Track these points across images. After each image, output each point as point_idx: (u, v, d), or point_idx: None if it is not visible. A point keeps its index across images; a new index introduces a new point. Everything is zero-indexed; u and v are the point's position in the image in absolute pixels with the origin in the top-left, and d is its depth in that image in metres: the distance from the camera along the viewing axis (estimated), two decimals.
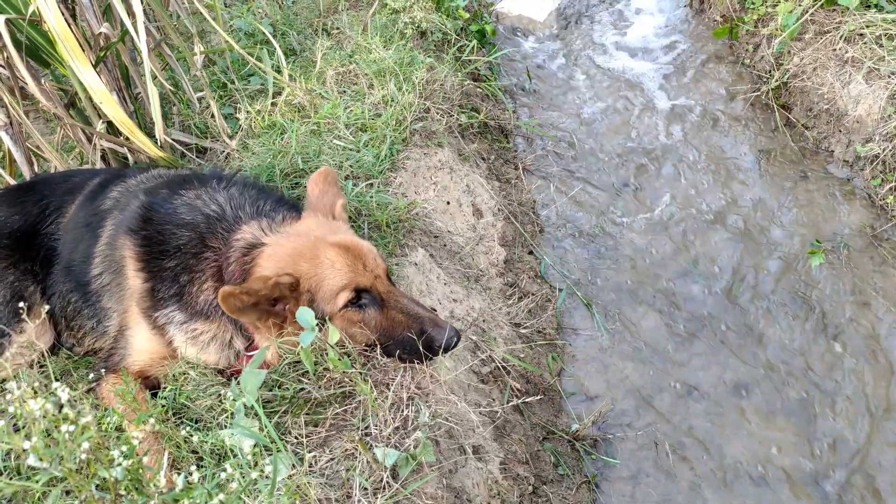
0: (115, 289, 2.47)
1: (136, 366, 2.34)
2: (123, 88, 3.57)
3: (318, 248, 2.19)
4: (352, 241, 2.25)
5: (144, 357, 2.35)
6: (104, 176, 2.84)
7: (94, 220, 2.61)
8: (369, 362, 2.33)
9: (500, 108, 5.14)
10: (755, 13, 5.28)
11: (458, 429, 2.41)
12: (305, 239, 2.24)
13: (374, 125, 3.71)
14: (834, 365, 3.43)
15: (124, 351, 2.38)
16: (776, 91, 4.94)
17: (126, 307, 2.44)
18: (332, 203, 2.47)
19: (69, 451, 1.22)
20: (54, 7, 2.81)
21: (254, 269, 2.20)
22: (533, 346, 3.44)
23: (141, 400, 2.18)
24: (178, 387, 2.28)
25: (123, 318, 2.45)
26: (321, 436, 2.13)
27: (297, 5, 5.23)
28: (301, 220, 2.43)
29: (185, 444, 2.05)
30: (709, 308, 3.78)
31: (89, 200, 2.72)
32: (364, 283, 2.20)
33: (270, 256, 2.21)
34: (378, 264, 2.26)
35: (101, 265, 2.51)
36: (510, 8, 6.40)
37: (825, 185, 4.36)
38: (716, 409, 3.33)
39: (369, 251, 2.27)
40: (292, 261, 2.17)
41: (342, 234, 2.31)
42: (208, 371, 2.30)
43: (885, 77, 4.18)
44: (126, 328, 2.43)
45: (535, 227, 4.28)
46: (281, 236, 2.29)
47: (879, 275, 3.82)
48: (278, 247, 2.23)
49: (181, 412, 2.24)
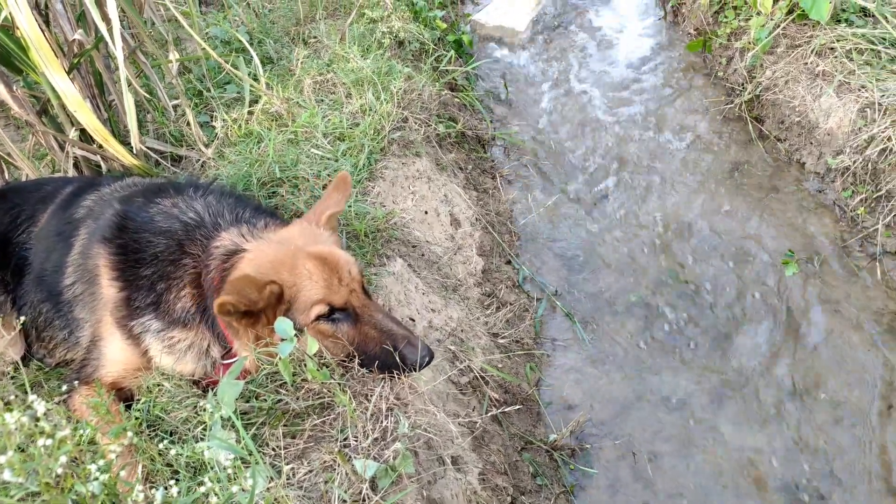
0: (88, 298, 2.43)
1: (110, 377, 2.30)
2: (97, 95, 3.52)
3: (297, 258, 2.18)
4: (329, 253, 2.23)
5: (118, 368, 2.31)
6: (77, 184, 2.80)
7: (67, 228, 2.57)
8: (348, 373, 2.31)
9: (478, 118, 5.16)
10: (728, 27, 5.36)
11: (437, 439, 2.40)
12: (286, 248, 2.22)
13: (352, 134, 3.70)
14: (806, 373, 3.47)
15: (97, 362, 2.34)
16: (749, 103, 5.01)
17: (99, 317, 2.40)
18: (322, 211, 2.46)
19: (45, 466, 1.19)
20: (28, 13, 2.77)
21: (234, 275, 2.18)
22: (511, 356, 3.44)
23: (114, 412, 2.14)
24: (152, 398, 2.24)
25: (96, 329, 2.41)
26: (299, 447, 2.11)
27: (273, 14, 5.20)
28: (286, 226, 2.42)
29: (160, 456, 2.02)
30: (684, 318, 3.81)
31: (62, 209, 2.67)
32: (338, 299, 2.19)
33: (252, 262, 2.19)
34: (354, 277, 2.25)
35: (73, 275, 2.47)
36: (487, 19, 6.43)
37: (797, 197, 4.43)
38: (692, 417, 3.35)
39: (346, 264, 2.25)
40: (274, 269, 2.15)
41: (322, 244, 2.29)
42: (184, 382, 2.26)
43: (856, 90, 4.25)
44: (99, 339, 2.38)
45: (512, 237, 4.29)
46: (262, 242, 2.27)
47: (850, 284, 3.87)
48: (260, 253, 2.21)
49: (156, 424, 2.20)
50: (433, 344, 2.98)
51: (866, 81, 4.24)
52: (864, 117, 4.14)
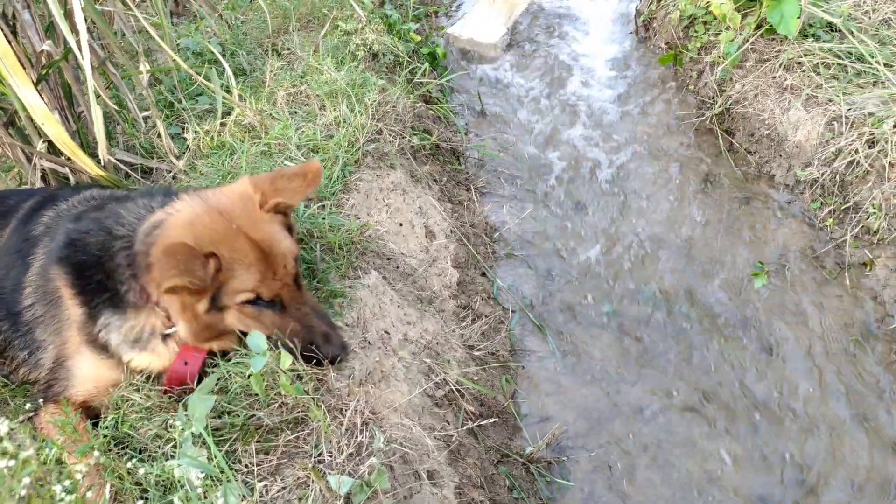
0: (51, 321, 2.38)
1: (80, 396, 2.25)
2: (66, 107, 3.47)
3: (238, 239, 2.14)
4: (270, 246, 2.19)
5: (89, 386, 2.26)
6: (37, 199, 2.75)
7: (25, 246, 2.52)
8: (322, 387, 2.28)
9: (452, 130, 5.17)
10: (698, 41, 5.43)
11: (412, 454, 2.38)
12: (226, 222, 2.17)
13: (327, 146, 3.68)
14: (778, 384, 3.51)
15: (66, 382, 2.28)
16: (719, 116, 5.08)
17: (64, 339, 2.35)
18: (272, 193, 2.32)
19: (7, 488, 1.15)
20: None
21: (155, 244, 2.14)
22: (487, 368, 3.43)
23: (81, 430, 2.09)
24: (120, 415, 2.20)
25: (61, 350, 2.35)
26: (272, 464, 2.07)
27: (246, 25, 5.17)
28: (228, 188, 2.34)
29: (129, 475, 1.97)
30: (658, 329, 3.83)
31: (22, 224, 2.63)
32: (268, 292, 2.18)
33: (188, 227, 2.15)
34: (289, 272, 2.23)
35: (32, 296, 2.42)
36: (461, 31, 6.45)
37: (767, 208, 4.48)
38: (666, 429, 3.36)
39: (283, 257, 2.22)
40: (213, 241, 2.11)
41: (263, 229, 2.23)
42: (153, 394, 2.22)
43: (823, 104, 4.33)
44: (66, 359, 2.33)
45: (487, 249, 4.29)
46: (197, 202, 2.23)
47: (820, 294, 3.92)
48: (197, 218, 2.17)
49: (124, 442, 2.15)
50: (408, 357, 2.96)
51: (833, 95, 4.32)
52: (832, 130, 4.21)
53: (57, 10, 2.80)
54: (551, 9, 7.02)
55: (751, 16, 4.96)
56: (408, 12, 6.00)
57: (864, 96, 4.22)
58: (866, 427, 3.30)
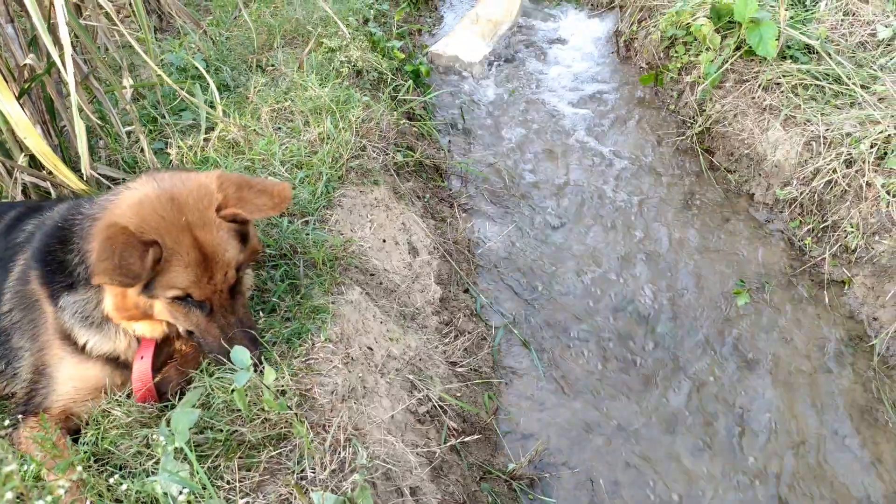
0: (28, 325, 2.34)
1: (59, 404, 2.22)
2: (48, 121, 3.45)
3: (183, 235, 2.11)
4: (213, 252, 2.15)
5: (70, 392, 2.23)
6: (21, 209, 2.73)
7: (7, 254, 2.49)
8: (306, 403, 2.27)
9: (435, 148, 5.19)
10: (679, 61, 5.51)
11: (395, 470, 2.37)
12: (176, 214, 2.12)
13: (310, 162, 3.68)
14: (759, 401, 3.53)
15: (46, 389, 2.25)
16: (700, 136, 5.14)
17: (42, 344, 2.31)
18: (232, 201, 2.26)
19: None
20: None
21: (102, 216, 2.12)
22: (469, 384, 3.42)
23: (62, 446, 2.06)
24: (100, 431, 2.17)
25: (39, 357, 2.31)
26: (255, 480, 2.05)
27: (230, 41, 5.18)
28: (190, 176, 2.29)
29: (109, 492, 1.95)
30: (640, 346, 3.85)
31: (4, 234, 2.59)
32: (199, 294, 2.16)
33: (135, 207, 2.12)
34: (227, 280, 2.20)
35: (10, 301, 2.39)
36: (444, 50, 6.50)
37: (747, 227, 4.54)
38: (648, 445, 3.37)
39: (225, 265, 2.19)
40: (157, 229, 2.07)
41: (213, 232, 2.17)
42: (133, 409, 2.19)
43: (801, 124, 4.40)
44: (45, 366, 2.30)
45: (470, 266, 4.30)
46: (150, 182, 2.19)
47: (799, 312, 3.97)
48: (146, 199, 2.13)
49: (104, 458, 2.13)
50: (391, 373, 2.95)
51: (811, 115, 4.40)
52: (810, 150, 4.28)
53: (41, 24, 2.79)
54: (534, 29, 7.11)
55: (730, 37, 5.05)
56: (392, 30, 6.04)
57: (841, 117, 4.30)
58: (845, 444, 3.33)
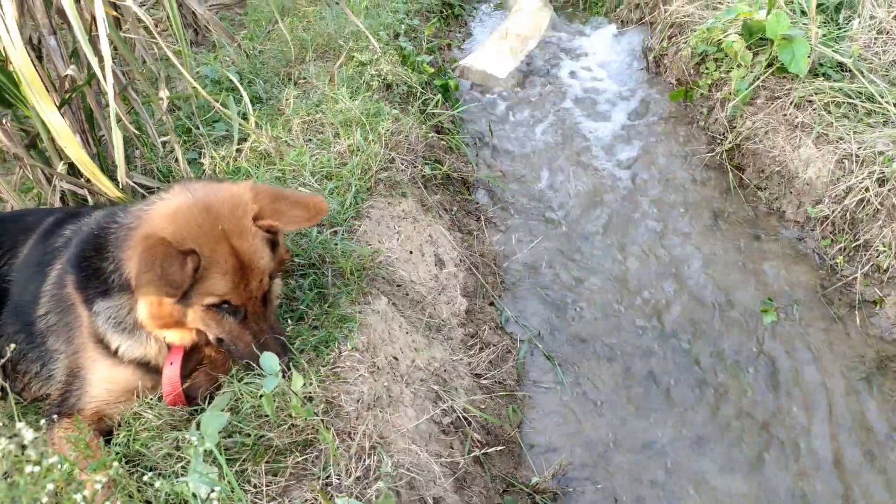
0: (63, 329, 2.41)
1: (92, 406, 2.27)
2: (87, 130, 3.54)
3: (221, 243, 2.16)
4: (250, 260, 2.21)
5: (102, 391, 2.28)
6: (58, 215, 2.80)
7: (45, 259, 2.56)
8: (332, 410, 2.30)
9: (463, 161, 5.22)
10: (709, 78, 5.50)
11: (419, 479, 2.38)
12: (212, 222, 2.17)
13: (340, 174, 3.74)
14: (787, 420, 3.49)
15: (80, 391, 2.31)
16: (730, 152, 5.12)
17: (76, 347, 2.37)
18: (268, 212, 2.32)
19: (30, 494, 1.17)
20: (21, 49, 2.80)
21: (138, 225, 2.17)
22: (493, 396, 3.43)
23: (94, 447, 2.11)
24: (132, 432, 2.22)
25: (74, 360, 2.38)
26: (281, 485, 2.08)
27: (264, 55, 5.28)
28: (224, 187, 2.34)
29: (139, 493, 1.99)
30: (666, 363, 3.83)
31: (43, 239, 2.66)
32: (237, 301, 2.21)
33: (171, 217, 2.17)
34: (260, 287, 2.26)
35: (47, 304, 2.45)
36: (473, 64, 6.55)
37: (777, 245, 4.50)
38: (674, 463, 3.35)
39: (259, 273, 2.24)
40: (194, 237, 2.12)
41: (248, 240, 2.23)
42: (164, 412, 2.24)
43: (834, 142, 4.37)
44: (79, 369, 2.35)
45: (496, 279, 4.31)
46: (184, 193, 2.24)
47: (829, 332, 3.92)
48: (181, 209, 2.18)
49: (134, 460, 2.17)
50: (416, 383, 2.98)
51: (844, 133, 4.36)
52: (843, 168, 4.24)
53: (83, 37, 2.87)
54: (563, 44, 7.13)
55: (762, 54, 5.03)
56: (422, 45, 6.11)
57: (874, 135, 4.26)
58: (874, 466, 3.28)
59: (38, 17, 3.22)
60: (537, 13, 7.40)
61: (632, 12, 7.38)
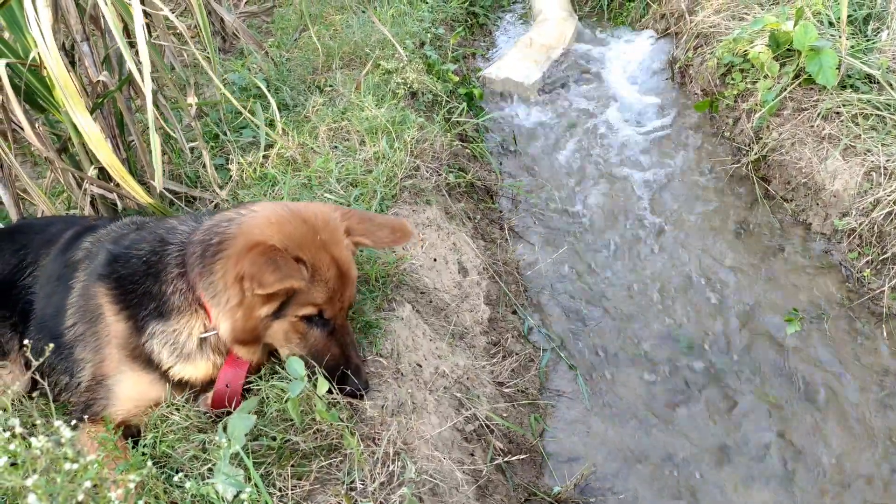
0: (91, 338, 2.43)
1: (119, 415, 2.29)
2: (117, 136, 3.59)
3: (322, 251, 2.19)
4: (348, 269, 2.28)
5: (129, 405, 2.30)
6: (77, 228, 2.83)
7: (66, 272, 2.59)
8: (356, 415, 2.31)
9: (487, 170, 5.23)
10: (735, 89, 5.47)
11: (442, 486, 2.38)
12: (311, 231, 2.21)
13: (365, 181, 3.76)
14: (811, 434, 3.45)
15: (105, 401, 2.32)
16: (755, 163, 5.08)
17: (103, 356, 2.39)
18: (359, 228, 2.41)
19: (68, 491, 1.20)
20: (56, 54, 2.85)
21: (233, 235, 2.18)
22: (516, 405, 3.43)
23: (122, 447, 2.14)
24: (159, 434, 2.24)
25: (99, 368, 2.40)
26: (305, 489, 2.10)
27: (291, 62, 5.33)
28: (312, 204, 2.39)
29: (165, 494, 2.01)
30: (689, 373, 3.80)
31: (62, 252, 2.70)
32: (330, 312, 2.25)
33: (272, 226, 2.17)
34: (348, 297, 2.31)
35: (73, 316, 2.48)
36: (497, 73, 6.56)
37: (803, 256, 4.46)
38: (696, 475, 3.32)
39: (352, 283, 2.31)
40: (299, 245, 2.14)
41: (344, 252, 2.29)
42: (192, 413, 2.26)
43: (861, 154, 4.32)
44: (105, 377, 2.37)
45: (519, 287, 4.31)
46: (279, 206, 2.27)
47: (855, 345, 3.87)
48: (280, 220, 2.20)
49: (161, 461, 2.19)
50: (439, 390, 2.98)
51: (872, 146, 4.32)
52: (870, 180, 4.20)
53: (122, 43, 2.92)
54: (587, 54, 7.12)
55: (789, 65, 4.99)
56: (447, 54, 6.13)
57: None
58: None
59: (71, 24, 3.28)
60: (562, 23, 7.40)
61: (657, 23, 7.36)
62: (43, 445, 1.21)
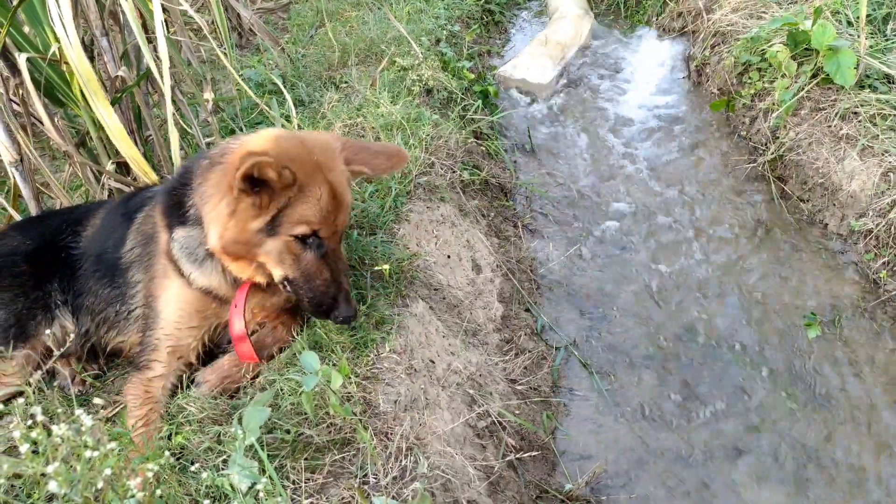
0: (145, 257, 2.57)
1: (168, 343, 2.38)
2: (135, 130, 3.63)
3: (317, 171, 2.23)
4: (342, 192, 2.31)
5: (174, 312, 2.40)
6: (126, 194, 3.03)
7: (130, 211, 2.73)
8: (369, 410, 2.32)
9: (501, 167, 5.23)
10: (752, 88, 5.44)
11: (454, 481, 2.39)
12: (307, 152, 2.26)
13: (380, 177, 3.77)
14: (827, 435, 3.44)
15: (154, 321, 2.41)
16: (772, 163, 5.06)
17: (153, 273, 2.51)
18: (357, 157, 2.46)
19: (87, 479, 1.21)
20: (78, 49, 2.88)
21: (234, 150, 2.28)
22: (528, 402, 3.43)
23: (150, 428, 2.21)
24: (174, 426, 2.27)
25: (149, 288, 2.52)
26: (318, 482, 2.11)
27: (307, 58, 5.35)
28: (314, 132, 2.52)
29: (180, 485, 2.03)
30: (703, 373, 3.79)
31: (122, 204, 2.84)
32: (325, 233, 2.28)
33: (269, 142, 2.25)
34: (343, 221, 2.35)
35: (133, 240, 2.63)
36: (512, 72, 6.56)
37: (820, 257, 4.43)
38: (709, 475, 3.31)
39: (346, 207, 2.35)
40: (292, 160, 2.19)
41: (340, 176, 2.33)
42: (206, 405, 2.28)
43: (879, 155, 4.29)
44: (154, 298, 2.48)
45: (532, 285, 4.31)
46: (280, 130, 2.39)
47: (872, 347, 3.85)
48: (279, 139, 2.28)
49: (176, 452, 2.22)
50: (452, 386, 2.99)
51: (890, 146, 4.29)
52: (888, 181, 4.17)
53: (141, 39, 2.95)
54: (603, 52, 7.10)
55: (807, 64, 4.96)
56: (462, 51, 6.13)
57: None
58: None
59: (91, 19, 3.31)
60: (578, 21, 7.38)
61: (674, 21, 7.33)
62: (63, 433, 1.23)
